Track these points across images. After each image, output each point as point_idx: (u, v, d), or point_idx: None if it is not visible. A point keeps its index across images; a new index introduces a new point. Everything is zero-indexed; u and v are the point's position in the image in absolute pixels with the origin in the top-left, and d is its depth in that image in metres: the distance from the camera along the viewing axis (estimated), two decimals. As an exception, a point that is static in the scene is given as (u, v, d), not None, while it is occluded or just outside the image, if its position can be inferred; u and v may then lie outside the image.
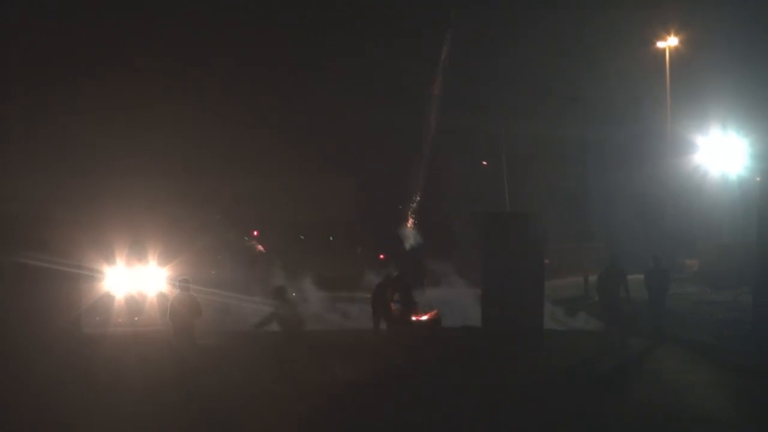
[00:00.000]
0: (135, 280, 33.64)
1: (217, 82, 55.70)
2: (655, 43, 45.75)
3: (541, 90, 56.37)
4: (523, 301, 22.12)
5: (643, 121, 48.15)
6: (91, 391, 16.62)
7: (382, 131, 59.72)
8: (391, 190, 52.23)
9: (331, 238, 49.19)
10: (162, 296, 31.23)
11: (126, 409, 15.14)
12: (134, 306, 32.91)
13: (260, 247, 55.17)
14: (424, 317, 25.53)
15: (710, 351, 21.91)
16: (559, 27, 60.70)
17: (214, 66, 58.89)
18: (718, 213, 43.08)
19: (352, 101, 59.25)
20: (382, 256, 44.33)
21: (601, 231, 53.57)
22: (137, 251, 34.86)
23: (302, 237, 53.34)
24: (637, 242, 50.76)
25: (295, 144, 56.43)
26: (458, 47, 56.34)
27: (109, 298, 32.40)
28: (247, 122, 56.55)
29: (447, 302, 31.75)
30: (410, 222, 48.17)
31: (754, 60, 43.14)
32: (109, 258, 32.78)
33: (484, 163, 61.76)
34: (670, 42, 44.91)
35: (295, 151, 55.80)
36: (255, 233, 57.08)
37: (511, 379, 18.22)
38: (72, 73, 48.49)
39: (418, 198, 49.25)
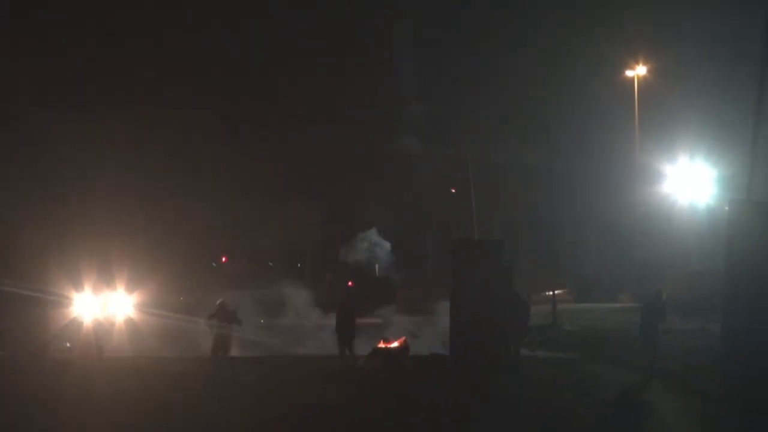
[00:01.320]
0: (103, 305, 33.58)
1: (189, 110, 55.70)
2: (623, 72, 46.01)
3: (510, 118, 56.69)
4: (491, 327, 22.20)
5: (611, 150, 48.46)
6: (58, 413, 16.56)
7: (351, 157, 59.92)
8: (359, 217, 52.27)
9: (299, 265, 49.22)
10: (130, 322, 31.28)
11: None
12: (102, 331, 32.80)
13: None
14: (393, 344, 25.51)
15: (679, 380, 22.02)
16: (530, 56, 61.05)
17: (186, 93, 58.82)
18: (687, 241, 43.27)
19: (322, 128, 59.45)
20: (350, 283, 44.31)
21: (569, 259, 53.81)
22: (105, 277, 34.78)
23: (270, 263, 53.30)
24: (606, 271, 51.03)
25: (265, 171, 56.50)
26: (429, 75, 56.69)
27: (77, 323, 32.30)
28: (217, 149, 56.62)
29: (417, 328, 31.87)
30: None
31: (722, 89, 43.47)
32: (77, 283, 32.70)
33: (453, 190, 61.91)
34: (638, 71, 45.15)
35: (264, 178, 55.88)
36: (224, 259, 57.02)
37: (476, 409, 18.19)
38: (44, 97, 48.43)
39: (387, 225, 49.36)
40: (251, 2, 73.54)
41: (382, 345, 25.46)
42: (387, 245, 42.78)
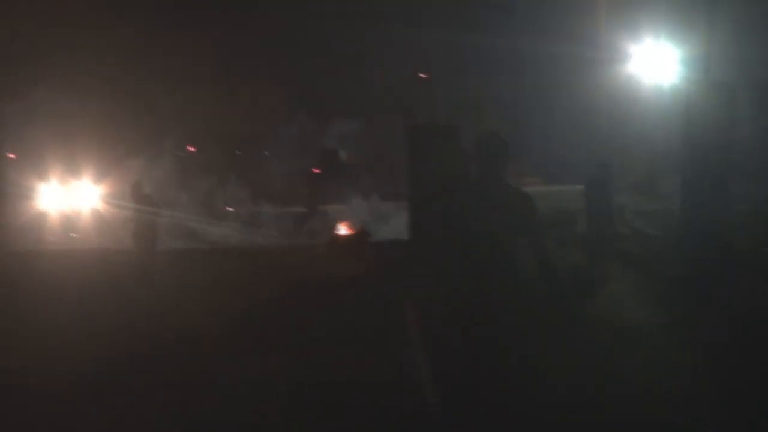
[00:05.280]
0: (69, 196, 33.53)
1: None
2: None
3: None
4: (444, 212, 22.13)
5: (577, 30, 48.09)
6: (25, 308, 16.52)
7: (318, 40, 59.46)
8: (322, 101, 52.03)
9: (265, 153, 48.95)
10: (97, 213, 31.25)
11: (62, 323, 15.08)
12: (68, 223, 32.86)
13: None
14: (351, 231, 25.54)
15: (637, 260, 22.23)
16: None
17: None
18: (652, 121, 43.21)
19: (289, 12, 58.79)
20: (315, 170, 44.38)
21: (538, 142, 53.61)
22: (71, 168, 34.69)
23: (238, 152, 53.03)
24: (576, 152, 51.08)
25: (231, 55, 55.95)
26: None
27: (42, 215, 32.32)
28: (181, 30, 56.01)
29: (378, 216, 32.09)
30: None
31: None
32: (42, 175, 32.61)
33: (423, 75, 61.48)
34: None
35: (229, 62, 55.32)
36: (190, 149, 56.61)
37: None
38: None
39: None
40: None
41: (339, 232, 25.53)
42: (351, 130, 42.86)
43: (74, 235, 31.92)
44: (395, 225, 29.33)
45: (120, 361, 12.59)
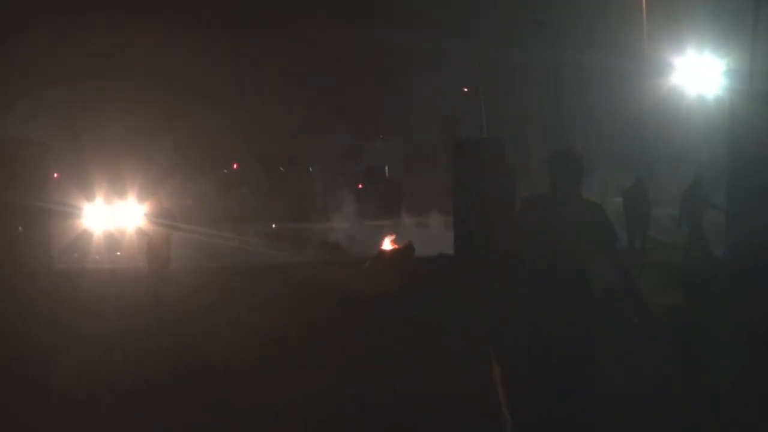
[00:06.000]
0: (114, 216, 33.63)
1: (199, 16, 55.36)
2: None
3: (510, 13, 56.03)
4: (494, 227, 22.10)
5: (621, 43, 47.81)
6: (67, 326, 16.58)
7: (360, 58, 59.60)
8: (369, 120, 52.22)
9: (310, 170, 49.09)
10: (141, 232, 31.34)
11: (103, 341, 15.09)
12: (113, 242, 32.97)
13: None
14: (396, 247, 25.51)
15: (681, 274, 22.04)
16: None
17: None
18: (696, 134, 42.81)
19: (324, 23, 58.92)
20: (360, 186, 44.44)
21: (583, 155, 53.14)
22: (116, 187, 34.82)
23: (282, 169, 53.13)
24: (619, 164, 50.76)
25: (275, 73, 56.15)
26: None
27: (87, 234, 32.44)
28: (225, 51, 56.28)
29: (425, 231, 32.03)
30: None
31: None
32: (87, 194, 32.76)
33: (465, 89, 61.25)
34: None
35: (274, 81, 55.54)
36: (235, 166, 56.77)
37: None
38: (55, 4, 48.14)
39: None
40: None
41: (385, 248, 25.50)
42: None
43: (119, 253, 32.04)
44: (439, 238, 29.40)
45: (161, 381, 12.57)
